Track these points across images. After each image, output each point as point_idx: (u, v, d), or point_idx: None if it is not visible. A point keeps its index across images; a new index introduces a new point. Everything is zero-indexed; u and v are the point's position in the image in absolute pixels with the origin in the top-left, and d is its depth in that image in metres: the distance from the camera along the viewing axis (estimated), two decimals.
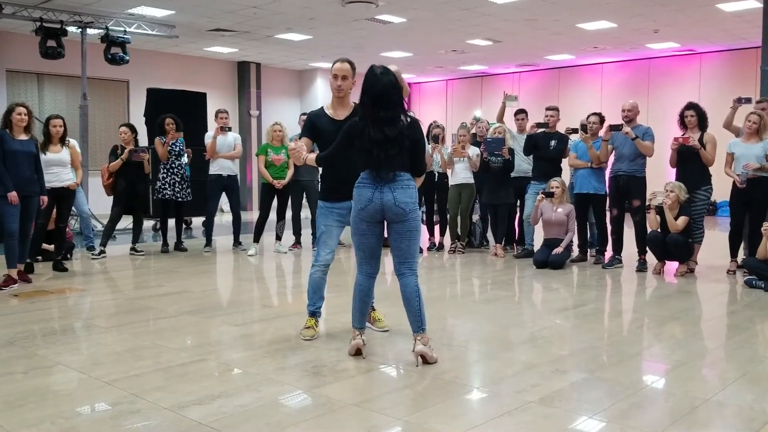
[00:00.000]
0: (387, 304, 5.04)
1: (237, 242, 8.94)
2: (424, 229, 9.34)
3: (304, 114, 8.96)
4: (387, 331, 4.53)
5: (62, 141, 7.04)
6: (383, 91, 3.71)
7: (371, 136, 3.72)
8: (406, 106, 3.93)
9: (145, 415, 3.05)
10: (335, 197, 4.29)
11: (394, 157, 3.73)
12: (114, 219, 8.25)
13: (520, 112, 8.73)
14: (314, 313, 4.46)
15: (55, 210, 7.12)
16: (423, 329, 3.82)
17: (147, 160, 8.26)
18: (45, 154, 6.85)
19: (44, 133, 7.00)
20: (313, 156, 4.12)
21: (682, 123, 7.10)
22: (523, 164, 8.34)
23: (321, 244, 4.37)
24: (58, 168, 6.99)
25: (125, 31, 11.91)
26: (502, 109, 8.75)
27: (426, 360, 3.80)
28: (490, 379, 3.67)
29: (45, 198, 6.45)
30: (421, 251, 8.62)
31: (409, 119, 3.81)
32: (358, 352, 3.94)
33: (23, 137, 6.24)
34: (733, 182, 6.79)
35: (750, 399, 3.30)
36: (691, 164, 6.95)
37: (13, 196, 5.97)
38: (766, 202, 6.62)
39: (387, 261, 5.60)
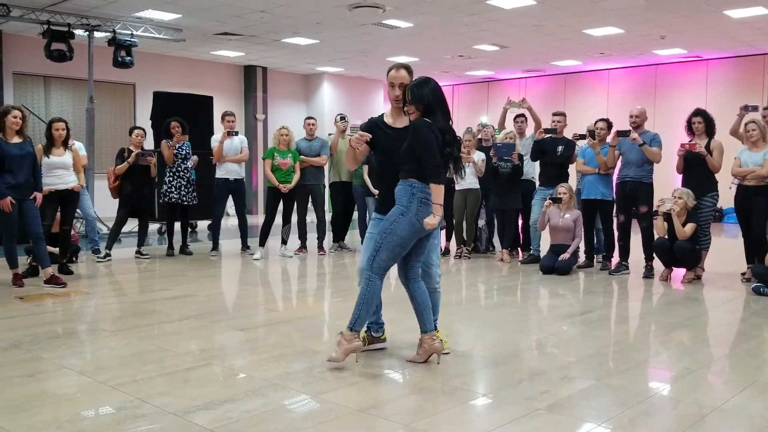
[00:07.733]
0: (392, 309, 5.01)
1: (245, 246, 8.94)
2: None
3: (309, 118, 8.95)
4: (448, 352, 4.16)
5: (65, 144, 7.04)
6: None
7: (452, 149, 4.02)
8: None
9: (151, 420, 3.04)
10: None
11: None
12: (120, 222, 8.24)
13: (520, 116, 8.70)
14: (370, 327, 4.27)
15: (59, 213, 7.13)
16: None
17: (153, 163, 8.26)
18: (48, 157, 6.87)
19: (47, 136, 6.99)
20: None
21: (690, 129, 7.07)
22: (526, 167, 8.34)
23: None
24: (62, 171, 6.97)
25: (132, 34, 11.93)
26: (503, 115, 8.72)
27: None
28: (497, 386, 3.65)
29: (39, 195, 6.42)
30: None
31: None
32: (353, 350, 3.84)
33: (17, 140, 6.25)
34: (736, 191, 6.83)
35: (760, 407, 3.27)
36: (697, 171, 6.93)
37: (5, 202, 6.07)
38: (766, 209, 6.61)
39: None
